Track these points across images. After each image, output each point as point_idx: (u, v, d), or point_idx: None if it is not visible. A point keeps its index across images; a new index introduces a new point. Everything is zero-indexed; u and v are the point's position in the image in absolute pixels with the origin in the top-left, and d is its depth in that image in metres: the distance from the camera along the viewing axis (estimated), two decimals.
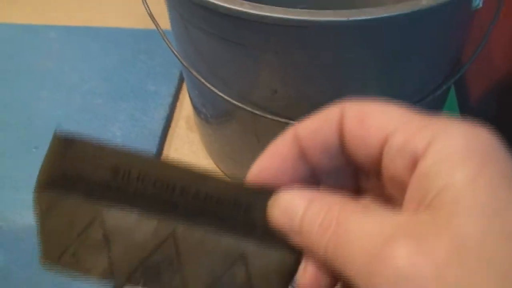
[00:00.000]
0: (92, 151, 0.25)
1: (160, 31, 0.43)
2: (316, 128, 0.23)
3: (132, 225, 0.26)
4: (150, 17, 0.44)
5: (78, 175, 0.25)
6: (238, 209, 0.24)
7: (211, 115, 0.48)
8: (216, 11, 0.35)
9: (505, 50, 0.55)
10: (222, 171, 0.53)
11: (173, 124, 0.60)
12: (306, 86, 0.39)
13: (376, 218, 0.19)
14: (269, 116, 0.40)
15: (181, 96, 0.62)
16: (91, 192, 0.25)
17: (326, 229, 0.21)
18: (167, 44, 0.43)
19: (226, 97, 0.40)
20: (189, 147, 0.57)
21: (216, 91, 0.41)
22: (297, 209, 0.22)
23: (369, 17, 0.33)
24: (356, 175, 0.24)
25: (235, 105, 0.40)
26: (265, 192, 0.24)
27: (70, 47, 0.67)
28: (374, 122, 0.21)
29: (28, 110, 0.58)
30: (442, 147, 0.19)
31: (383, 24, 0.34)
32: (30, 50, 0.67)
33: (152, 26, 0.44)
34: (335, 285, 0.23)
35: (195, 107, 0.52)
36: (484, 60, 0.57)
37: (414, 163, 0.19)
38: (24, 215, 0.47)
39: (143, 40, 0.67)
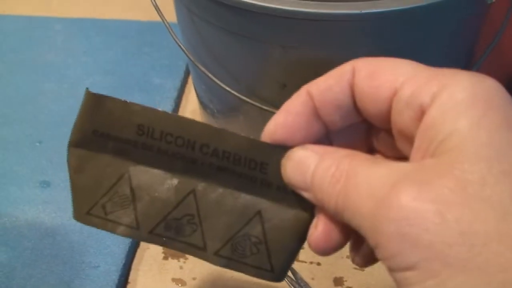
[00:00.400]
0: (120, 109, 0.26)
1: (166, 24, 0.42)
2: (328, 86, 0.23)
3: (157, 182, 0.26)
4: (156, 9, 0.43)
5: (107, 132, 0.26)
6: (254, 166, 0.25)
7: (218, 110, 0.47)
8: (224, 3, 0.34)
9: None
10: None
11: None
12: None
13: (383, 168, 0.20)
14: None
15: (186, 90, 0.61)
16: (119, 149, 0.26)
17: (337, 181, 0.21)
18: (173, 37, 0.42)
19: (233, 92, 0.39)
20: None
21: (223, 85, 0.40)
22: (309, 164, 0.23)
23: (382, 10, 0.32)
24: (368, 135, 0.25)
25: (243, 100, 0.39)
26: (279, 150, 0.24)
27: (74, 39, 0.66)
28: (384, 77, 0.21)
29: (32, 104, 0.57)
30: (447, 97, 0.19)
31: (397, 17, 0.33)
32: (34, 42, 0.66)
33: (158, 18, 0.43)
34: (345, 243, 0.24)
35: (201, 102, 0.51)
36: (496, 55, 0.56)
37: (421, 115, 0.20)
38: (27, 211, 0.46)
39: (148, 33, 0.66)
